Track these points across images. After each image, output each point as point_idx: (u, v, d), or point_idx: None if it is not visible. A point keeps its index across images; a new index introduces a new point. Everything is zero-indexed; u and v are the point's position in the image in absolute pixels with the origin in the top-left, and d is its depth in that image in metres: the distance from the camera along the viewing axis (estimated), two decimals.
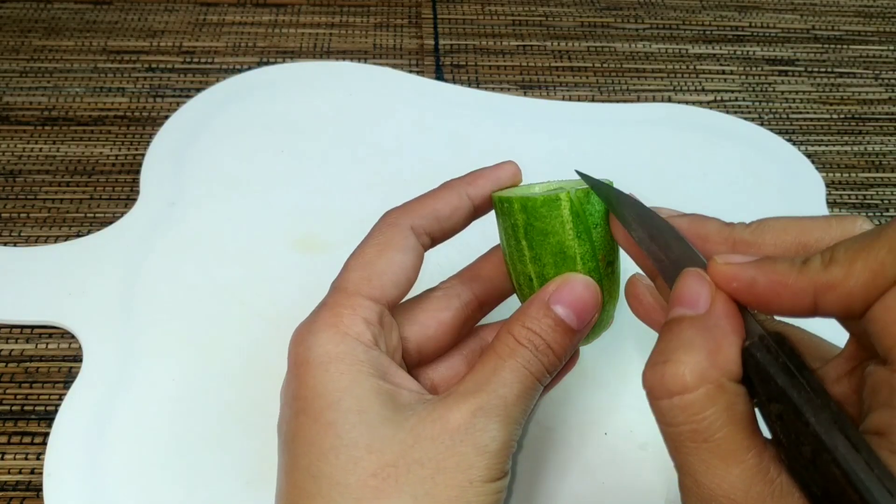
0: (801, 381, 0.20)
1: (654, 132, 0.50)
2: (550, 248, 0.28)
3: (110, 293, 0.40)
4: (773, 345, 0.21)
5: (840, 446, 0.19)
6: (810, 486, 0.20)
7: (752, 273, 0.22)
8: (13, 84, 0.52)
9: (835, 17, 0.62)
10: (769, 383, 0.21)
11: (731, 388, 0.21)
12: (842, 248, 0.20)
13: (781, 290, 0.21)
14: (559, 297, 0.27)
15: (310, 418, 0.26)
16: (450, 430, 0.25)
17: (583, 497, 0.34)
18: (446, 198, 0.30)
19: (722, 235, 0.25)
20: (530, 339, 0.27)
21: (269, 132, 0.49)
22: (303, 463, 0.25)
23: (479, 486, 0.25)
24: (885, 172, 0.51)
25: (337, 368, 0.26)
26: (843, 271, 0.20)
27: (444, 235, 0.31)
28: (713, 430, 0.21)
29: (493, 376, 0.26)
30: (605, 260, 0.28)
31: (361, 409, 0.25)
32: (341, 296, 0.28)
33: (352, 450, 0.25)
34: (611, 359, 0.38)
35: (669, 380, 0.21)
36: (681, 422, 0.21)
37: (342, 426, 0.25)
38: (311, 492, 0.25)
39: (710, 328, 0.22)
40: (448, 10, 0.60)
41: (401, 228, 0.29)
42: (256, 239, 0.43)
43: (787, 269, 0.21)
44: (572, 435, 0.35)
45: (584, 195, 0.28)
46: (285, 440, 0.27)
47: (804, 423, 0.20)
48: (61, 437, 0.34)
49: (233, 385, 0.37)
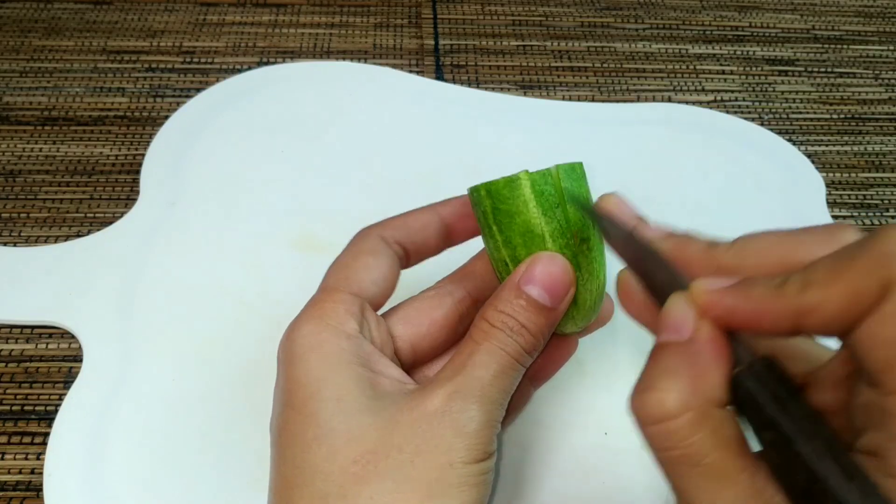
0: (791, 408, 0.20)
1: (655, 132, 0.50)
2: (518, 228, 0.28)
3: (110, 293, 0.40)
4: (762, 371, 0.21)
5: (832, 476, 0.19)
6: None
7: (731, 300, 0.22)
8: (13, 84, 0.52)
9: (835, 17, 0.62)
10: (760, 412, 0.21)
11: (715, 413, 0.21)
12: (820, 268, 0.20)
13: (761, 315, 0.21)
14: (529, 276, 0.27)
15: (294, 410, 0.26)
16: (427, 414, 0.25)
17: (583, 497, 0.34)
18: (416, 214, 0.31)
19: (705, 261, 0.24)
20: (503, 322, 0.27)
21: (269, 132, 0.49)
22: (288, 455, 0.26)
23: (460, 467, 0.25)
24: (885, 172, 0.51)
25: (317, 357, 0.27)
26: (819, 295, 0.20)
27: (417, 248, 0.31)
28: (702, 454, 0.21)
29: (468, 360, 0.27)
30: (577, 237, 0.28)
31: (340, 398, 0.26)
32: (322, 293, 0.29)
33: (332, 438, 0.25)
34: (611, 359, 0.38)
35: (653, 407, 0.21)
36: (669, 447, 0.21)
37: (322, 415, 0.26)
38: (296, 482, 0.25)
39: (694, 355, 0.22)
40: (448, 10, 0.60)
41: (372, 237, 0.30)
42: (256, 239, 0.43)
43: (764, 295, 0.21)
44: (573, 435, 0.35)
45: (544, 174, 0.28)
46: (274, 435, 0.27)
47: (795, 452, 0.20)
48: (61, 437, 0.34)
49: (233, 385, 0.37)
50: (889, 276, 0.19)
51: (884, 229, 0.19)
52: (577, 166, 0.30)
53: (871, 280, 0.19)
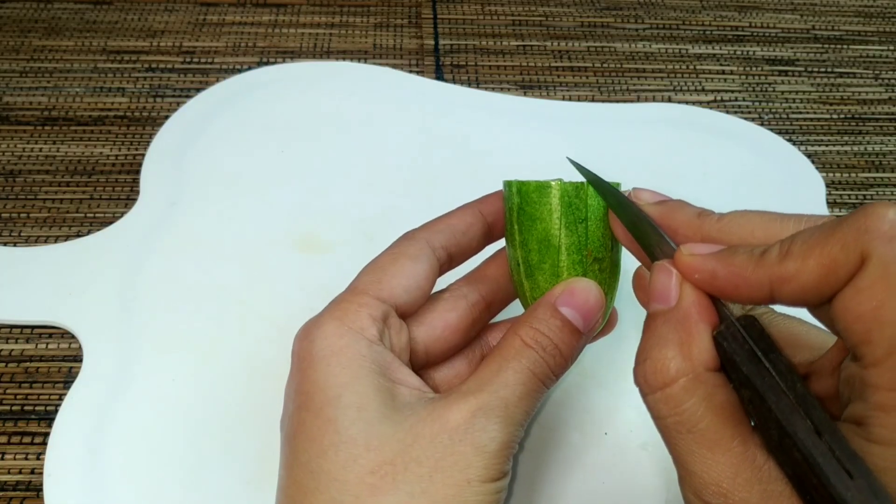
0: (766, 365, 0.21)
1: (655, 132, 0.50)
2: (537, 234, 0.29)
3: (111, 293, 0.40)
4: (739, 331, 0.22)
5: (800, 430, 0.20)
6: (783, 468, 0.21)
7: (712, 265, 0.22)
8: (13, 84, 0.52)
9: (835, 17, 0.62)
10: (737, 370, 0.21)
11: (708, 377, 0.22)
12: (798, 240, 0.21)
13: (740, 281, 0.22)
14: (565, 299, 0.28)
15: (311, 414, 0.26)
16: (448, 429, 0.25)
17: (583, 497, 0.34)
18: (460, 215, 0.31)
19: (691, 228, 0.25)
20: (537, 340, 0.27)
21: (269, 132, 0.49)
22: (303, 459, 0.26)
23: (476, 485, 0.25)
24: (885, 172, 0.51)
25: (338, 362, 0.26)
26: (796, 265, 0.20)
27: (462, 251, 0.31)
28: (695, 420, 0.21)
29: (495, 377, 0.26)
30: (591, 255, 0.28)
31: (361, 406, 0.25)
32: (349, 294, 0.28)
33: (350, 447, 0.25)
34: (611, 359, 0.38)
35: (651, 376, 0.22)
36: (665, 414, 0.22)
37: (341, 423, 0.25)
38: (310, 487, 0.25)
39: (680, 320, 0.23)
40: (448, 10, 0.60)
41: (416, 241, 0.30)
42: (256, 239, 0.43)
43: (745, 261, 0.22)
44: (573, 435, 0.35)
45: (577, 187, 0.28)
46: (287, 435, 0.27)
47: (767, 408, 0.20)
48: (61, 437, 0.34)
49: (233, 384, 0.37)
50: (866, 249, 0.19)
51: (866, 205, 0.20)
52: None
53: (847, 252, 0.19)
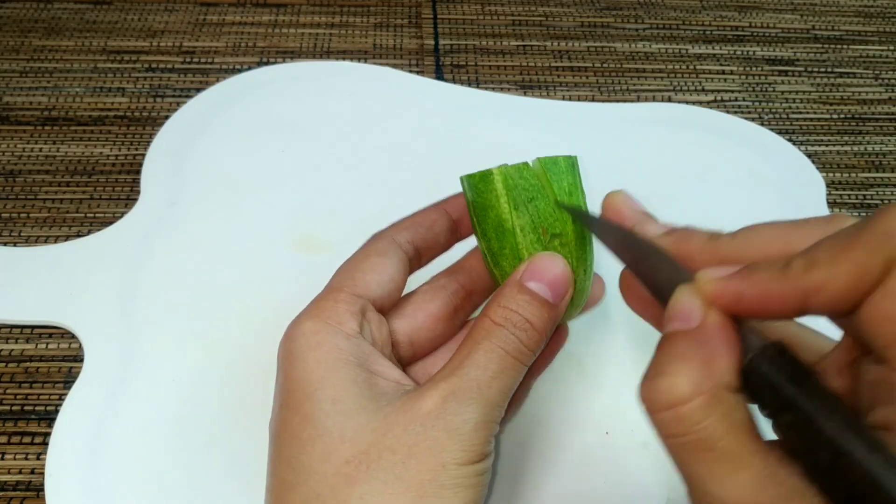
0: (808, 388, 0.21)
1: (655, 131, 0.50)
2: (491, 221, 0.29)
3: (112, 293, 0.40)
4: (775, 355, 0.21)
5: (857, 449, 0.19)
6: (832, 491, 0.20)
7: (736, 287, 0.22)
8: (13, 84, 0.52)
9: (835, 17, 0.62)
10: (777, 394, 0.21)
11: (727, 397, 0.21)
12: (823, 249, 0.21)
13: (767, 298, 0.21)
14: (530, 274, 0.28)
15: (291, 410, 0.27)
16: (421, 416, 0.25)
17: (584, 496, 0.34)
18: (424, 213, 0.32)
19: (707, 253, 0.24)
20: (507, 318, 0.27)
21: (270, 132, 0.49)
22: (284, 454, 0.26)
23: (453, 468, 0.25)
24: (885, 172, 0.51)
25: (315, 357, 0.27)
26: (825, 274, 0.20)
27: (429, 246, 0.32)
28: (715, 438, 0.21)
29: (466, 360, 0.26)
30: (547, 232, 0.29)
31: (336, 399, 0.26)
32: (325, 292, 0.29)
33: (326, 439, 0.25)
34: (612, 358, 0.38)
35: (665, 392, 0.21)
36: (681, 433, 0.21)
37: (318, 416, 0.26)
38: (291, 482, 0.26)
39: (704, 340, 0.22)
40: (448, 10, 0.60)
41: (383, 238, 0.31)
42: (257, 239, 0.43)
43: (769, 277, 0.21)
44: (574, 434, 0.35)
45: (519, 168, 0.29)
46: (272, 435, 0.28)
47: (817, 430, 0.20)
48: (63, 437, 0.34)
49: (234, 384, 0.37)
50: (893, 254, 0.19)
51: (885, 208, 0.20)
52: (562, 160, 0.30)
53: (874, 257, 0.19)
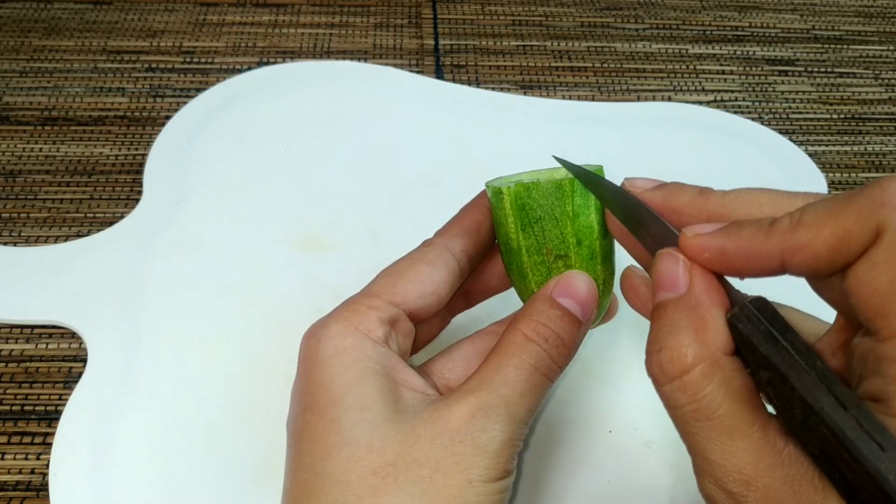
0: (784, 345, 0.21)
1: (655, 130, 0.50)
2: (502, 237, 0.30)
3: (115, 292, 0.40)
4: (753, 312, 0.22)
5: (826, 406, 0.19)
6: (808, 447, 0.20)
7: (720, 241, 0.22)
8: (13, 84, 0.52)
9: (835, 17, 0.62)
10: (755, 352, 0.21)
11: (725, 362, 0.21)
12: (811, 210, 0.21)
13: (750, 254, 0.22)
14: (561, 290, 0.28)
15: (315, 415, 0.26)
16: (449, 429, 0.25)
17: (587, 494, 0.34)
18: (470, 213, 0.31)
19: (696, 207, 0.25)
20: (539, 332, 0.27)
21: (271, 132, 0.49)
22: (307, 460, 0.26)
23: (478, 485, 0.25)
24: (885, 172, 0.51)
25: (342, 363, 0.26)
26: (809, 234, 0.20)
27: (478, 249, 0.31)
28: (714, 406, 0.21)
29: (495, 374, 0.26)
30: (552, 254, 0.29)
31: (364, 407, 0.25)
32: (361, 296, 0.28)
33: (353, 448, 0.25)
34: (615, 357, 0.38)
35: (667, 366, 0.22)
36: (682, 403, 0.22)
37: (345, 424, 0.25)
38: (314, 489, 0.25)
39: (693, 307, 0.22)
40: (448, 10, 0.60)
41: (435, 246, 0.30)
42: (259, 238, 0.43)
43: (754, 233, 0.22)
44: (577, 432, 0.35)
45: (528, 188, 0.28)
46: (292, 437, 0.27)
47: (790, 387, 0.20)
48: (66, 437, 0.34)
49: (237, 384, 0.37)
50: (881, 222, 0.19)
51: (880, 179, 0.20)
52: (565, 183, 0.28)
53: (862, 224, 0.19)
